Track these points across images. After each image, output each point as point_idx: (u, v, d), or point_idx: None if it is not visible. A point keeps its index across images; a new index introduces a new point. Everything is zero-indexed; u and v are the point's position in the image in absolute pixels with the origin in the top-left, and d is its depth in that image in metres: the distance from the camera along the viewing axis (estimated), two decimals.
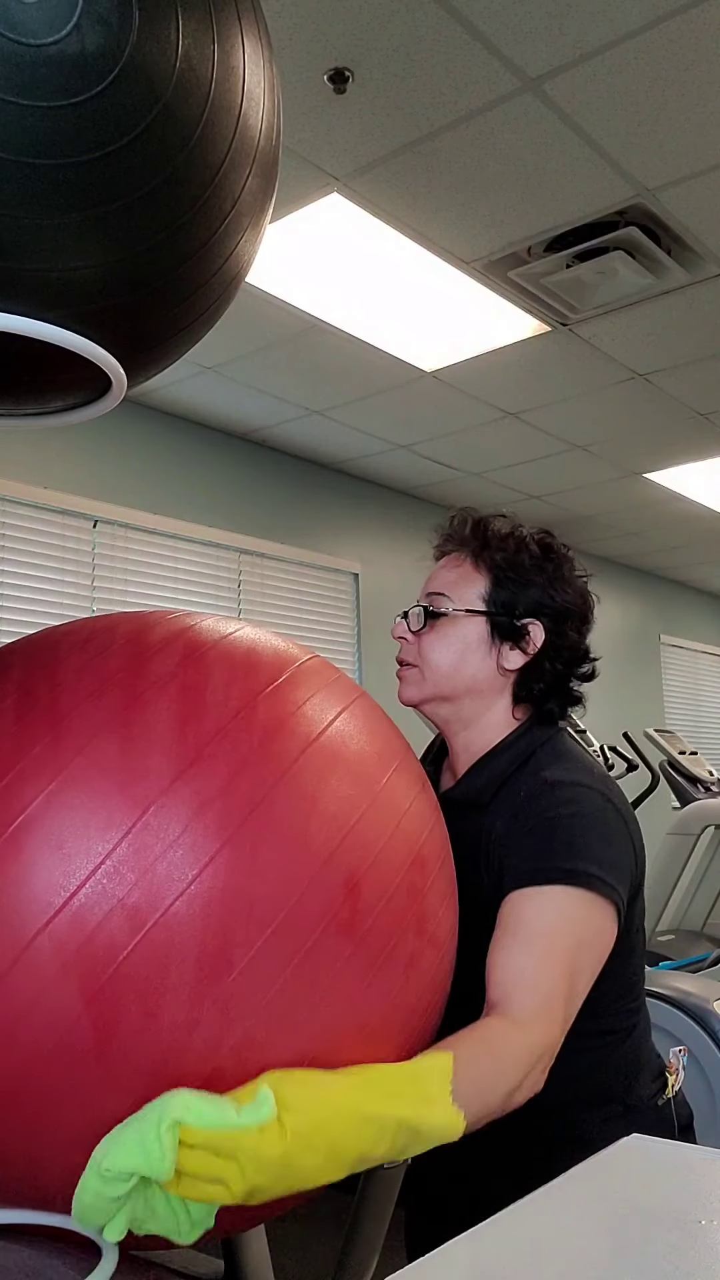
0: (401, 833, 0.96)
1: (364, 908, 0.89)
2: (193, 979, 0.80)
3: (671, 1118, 1.27)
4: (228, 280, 0.88)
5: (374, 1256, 2.19)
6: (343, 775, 0.94)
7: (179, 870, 0.82)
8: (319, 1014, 0.86)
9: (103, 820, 0.82)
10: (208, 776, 0.85)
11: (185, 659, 0.94)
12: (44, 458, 4.05)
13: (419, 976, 0.96)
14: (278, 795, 0.87)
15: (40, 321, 0.78)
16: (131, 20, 0.69)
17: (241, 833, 0.84)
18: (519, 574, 1.25)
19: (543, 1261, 0.65)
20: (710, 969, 3.55)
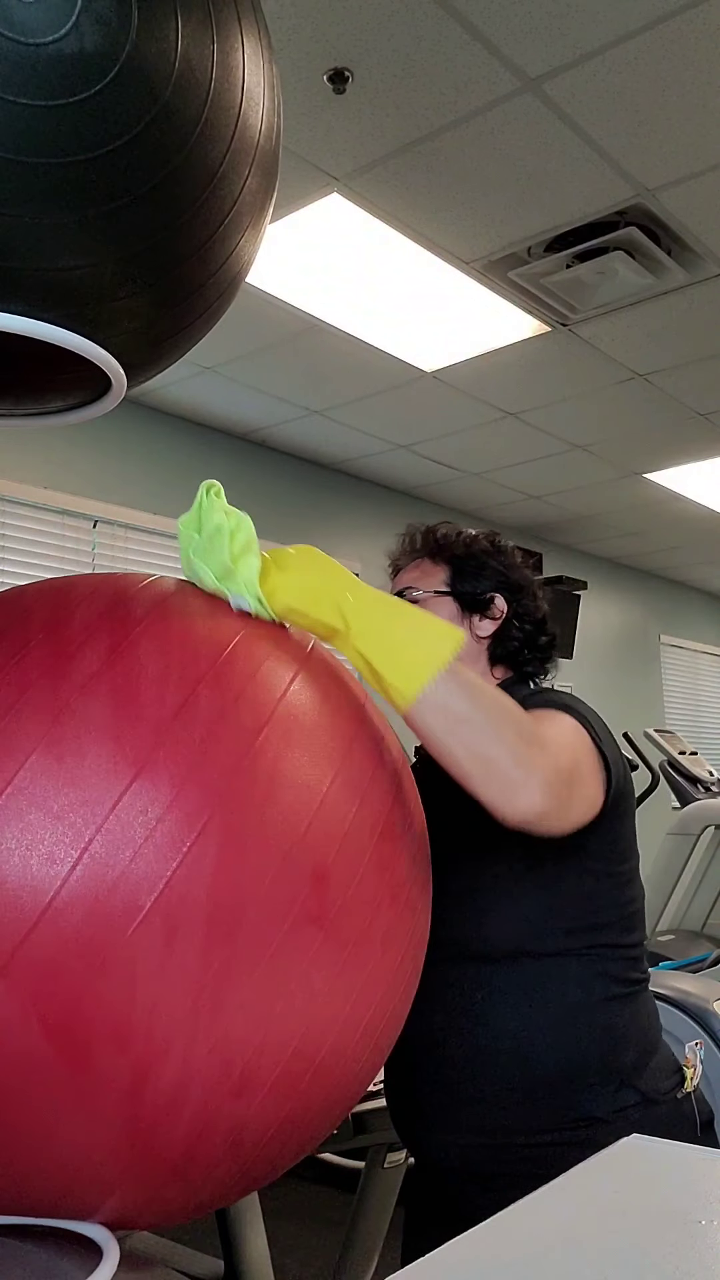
0: (367, 808, 0.91)
1: (333, 896, 0.86)
2: (164, 993, 0.79)
3: (693, 1114, 1.27)
4: (228, 280, 0.88)
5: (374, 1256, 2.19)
6: (298, 760, 0.87)
7: (135, 897, 0.78)
8: (295, 1006, 0.84)
9: (45, 855, 0.77)
10: (152, 795, 0.80)
11: (113, 652, 0.86)
12: (44, 458, 4.05)
13: (396, 944, 0.94)
14: (231, 800, 0.82)
15: (40, 321, 0.78)
16: (130, 20, 0.69)
17: (196, 848, 0.80)
18: (474, 561, 1.41)
19: (543, 1261, 0.65)
20: (710, 969, 3.55)
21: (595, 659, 7.04)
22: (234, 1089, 0.83)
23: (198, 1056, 0.81)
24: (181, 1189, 0.86)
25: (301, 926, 0.84)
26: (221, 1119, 0.83)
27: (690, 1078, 1.28)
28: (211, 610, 0.95)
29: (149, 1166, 0.83)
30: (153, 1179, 0.85)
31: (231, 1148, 0.86)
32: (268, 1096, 0.85)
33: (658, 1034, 1.29)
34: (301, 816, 0.86)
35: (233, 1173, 0.88)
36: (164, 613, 0.92)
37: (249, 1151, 0.88)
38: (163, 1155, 0.83)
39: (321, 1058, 0.88)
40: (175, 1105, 0.81)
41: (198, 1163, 0.85)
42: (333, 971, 0.86)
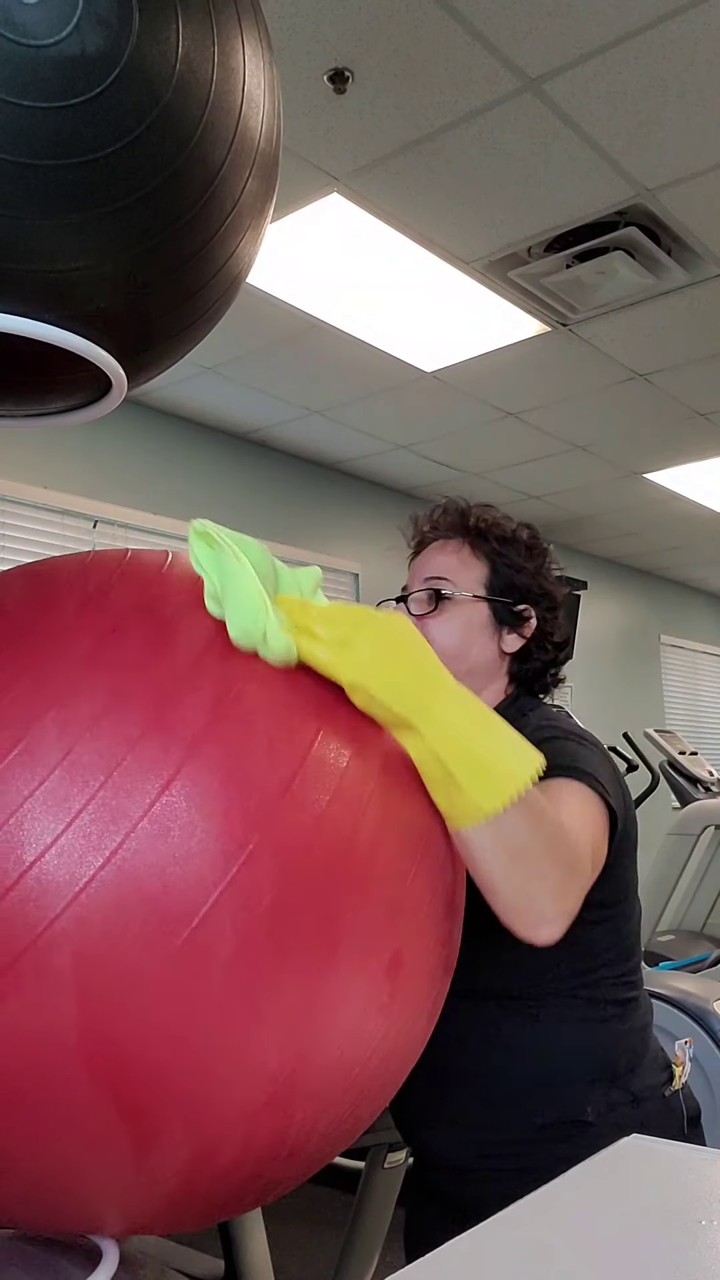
0: (442, 885, 0.87)
1: (404, 977, 0.81)
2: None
3: (680, 1109, 1.28)
4: (228, 281, 0.88)
5: (374, 1256, 2.19)
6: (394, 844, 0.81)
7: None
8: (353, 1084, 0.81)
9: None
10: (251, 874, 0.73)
11: (219, 703, 0.76)
12: (44, 458, 4.05)
13: (433, 1013, 0.91)
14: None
15: (40, 322, 0.78)
16: (132, 21, 0.69)
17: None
18: (513, 563, 1.32)
19: (543, 1261, 0.65)
20: (710, 969, 3.55)
21: (595, 659, 7.04)
22: (285, 1156, 0.81)
23: (260, 1134, 0.76)
24: (201, 1215, 0.86)
25: (372, 1014, 0.80)
26: (264, 1178, 0.82)
27: (679, 1075, 1.29)
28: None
29: (176, 1209, 0.82)
30: (175, 1212, 0.84)
31: (263, 1190, 0.86)
32: (309, 1158, 0.84)
33: (649, 1035, 1.30)
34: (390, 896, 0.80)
35: (256, 1198, 0.88)
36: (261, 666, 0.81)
37: (278, 1189, 0.88)
38: (194, 1205, 0.82)
39: (361, 1115, 0.87)
40: (226, 1176, 0.79)
41: (228, 1208, 0.85)
42: (389, 1044, 0.83)
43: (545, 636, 1.33)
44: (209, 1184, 0.79)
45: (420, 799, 0.86)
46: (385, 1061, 0.84)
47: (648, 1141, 0.88)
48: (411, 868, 0.82)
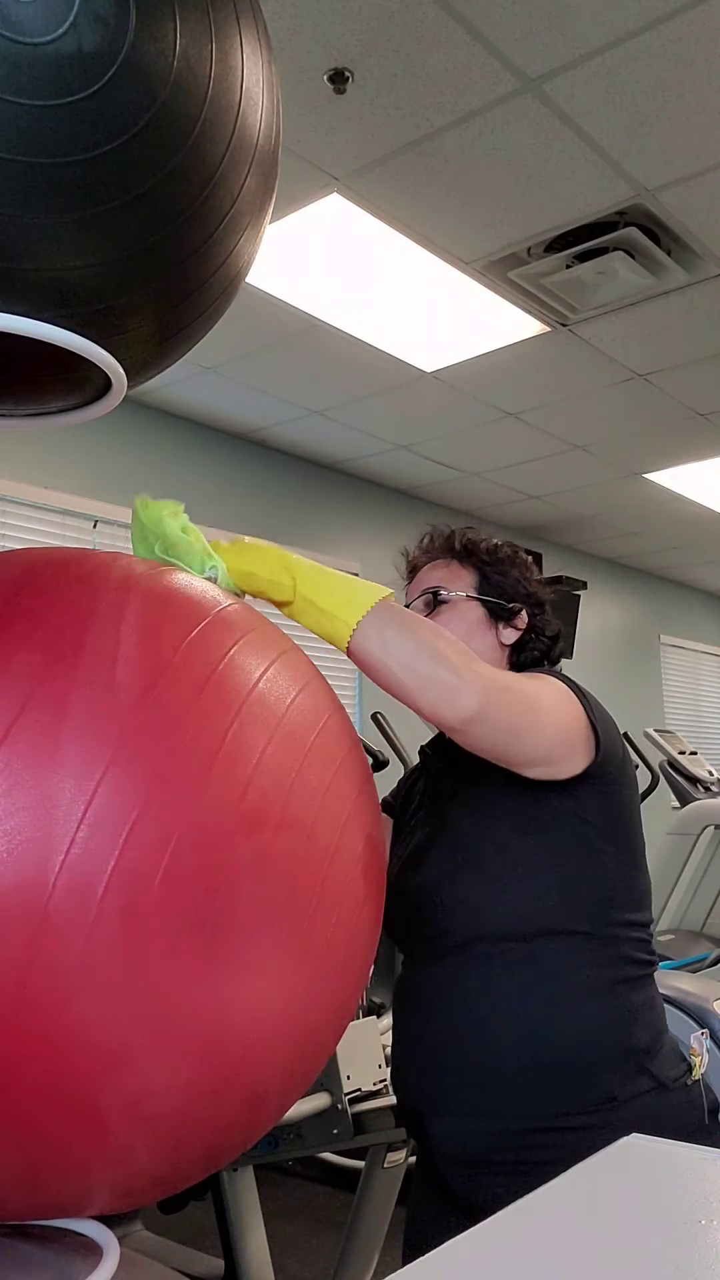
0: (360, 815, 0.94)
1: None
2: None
3: (702, 1101, 1.29)
4: (227, 280, 0.88)
5: (374, 1256, 2.19)
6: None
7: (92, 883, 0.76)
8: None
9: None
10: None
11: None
12: (44, 458, 4.05)
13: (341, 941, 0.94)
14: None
15: (39, 321, 0.78)
16: (129, 19, 0.69)
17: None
18: (498, 570, 1.46)
19: (543, 1261, 0.65)
20: (710, 969, 3.54)
21: (595, 659, 7.04)
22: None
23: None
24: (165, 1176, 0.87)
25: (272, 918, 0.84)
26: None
27: (699, 1065, 1.30)
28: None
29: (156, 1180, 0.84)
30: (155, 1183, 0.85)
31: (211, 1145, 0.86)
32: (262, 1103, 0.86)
33: (664, 1020, 1.31)
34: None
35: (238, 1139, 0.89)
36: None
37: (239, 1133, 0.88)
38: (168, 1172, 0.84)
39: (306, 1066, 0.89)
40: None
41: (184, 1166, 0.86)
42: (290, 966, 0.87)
43: (538, 630, 1.46)
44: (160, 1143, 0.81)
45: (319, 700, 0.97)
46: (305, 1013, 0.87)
47: (648, 1141, 0.88)
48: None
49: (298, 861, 0.85)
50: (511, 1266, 0.65)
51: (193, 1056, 0.79)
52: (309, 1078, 0.95)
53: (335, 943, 0.90)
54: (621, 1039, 1.23)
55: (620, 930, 1.27)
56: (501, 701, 1.12)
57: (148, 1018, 0.77)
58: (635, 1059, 1.23)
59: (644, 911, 1.31)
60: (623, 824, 1.29)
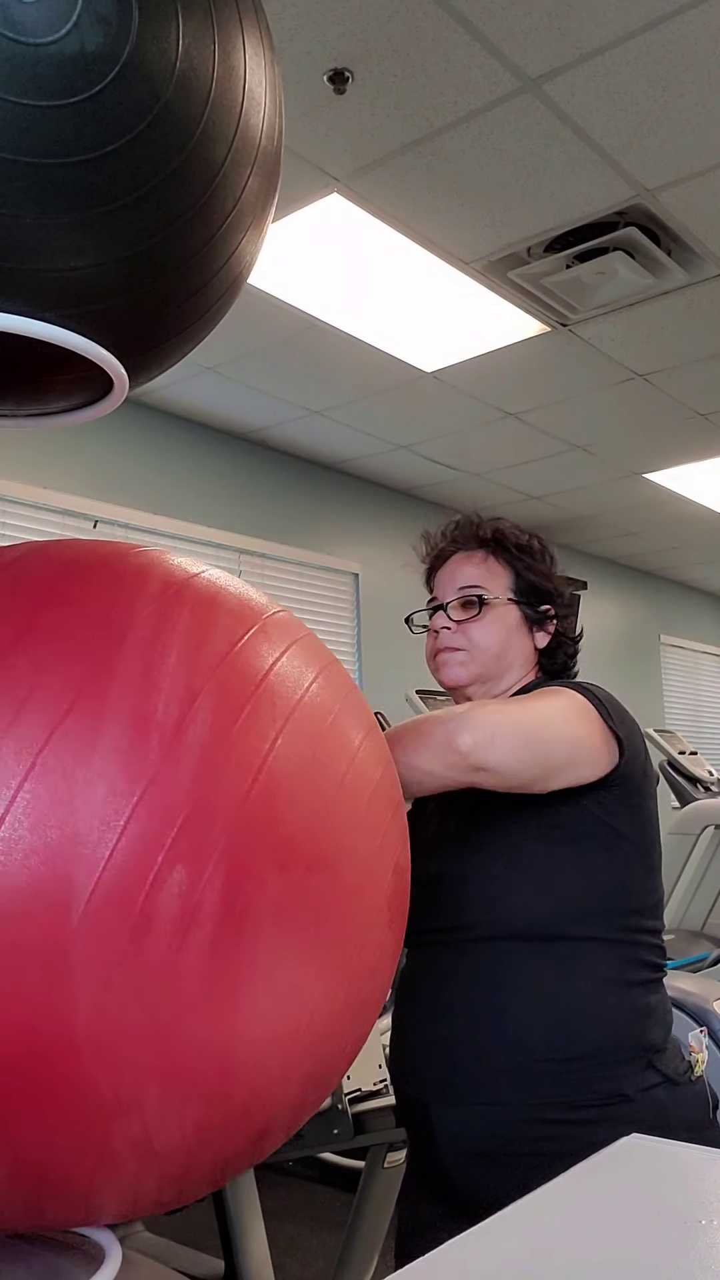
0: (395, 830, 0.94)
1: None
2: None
3: (706, 1095, 1.31)
4: (229, 280, 0.88)
5: (374, 1256, 2.19)
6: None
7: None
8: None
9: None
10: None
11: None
12: (44, 458, 4.05)
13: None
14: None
15: (40, 321, 0.78)
16: (131, 19, 0.69)
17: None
18: (531, 567, 1.46)
19: (543, 1261, 0.65)
20: (710, 969, 3.54)
21: (595, 659, 7.04)
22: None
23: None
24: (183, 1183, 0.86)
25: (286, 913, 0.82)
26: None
27: (699, 1062, 1.31)
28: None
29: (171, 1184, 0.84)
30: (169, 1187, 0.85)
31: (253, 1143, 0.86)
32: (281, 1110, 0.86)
33: (670, 1020, 1.33)
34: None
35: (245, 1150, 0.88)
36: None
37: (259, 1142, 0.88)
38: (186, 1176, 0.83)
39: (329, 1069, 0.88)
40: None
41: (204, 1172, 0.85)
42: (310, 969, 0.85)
43: (564, 632, 1.47)
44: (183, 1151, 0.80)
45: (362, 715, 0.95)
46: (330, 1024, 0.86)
47: (648, 1141, 0.88)
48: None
49: (325, 900, 0.83)
50: (511, 1266, 0.65)
51: (202, 1098, 0.78)
52: (316, 1107, 0.94)
53: (358, 976, 0.88)
54: (638, 1035, 1.24)
55: (637, 935, 1.28)
56: (496, 721, 1.15)
57: (160, 1062, 0.75)
58: (647, 1056, 1.24)
59: (658, 919, 1.32)
60: (644, 832, 1.30)
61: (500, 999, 1.23)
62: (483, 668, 1.40)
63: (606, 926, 1.25)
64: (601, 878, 1.26)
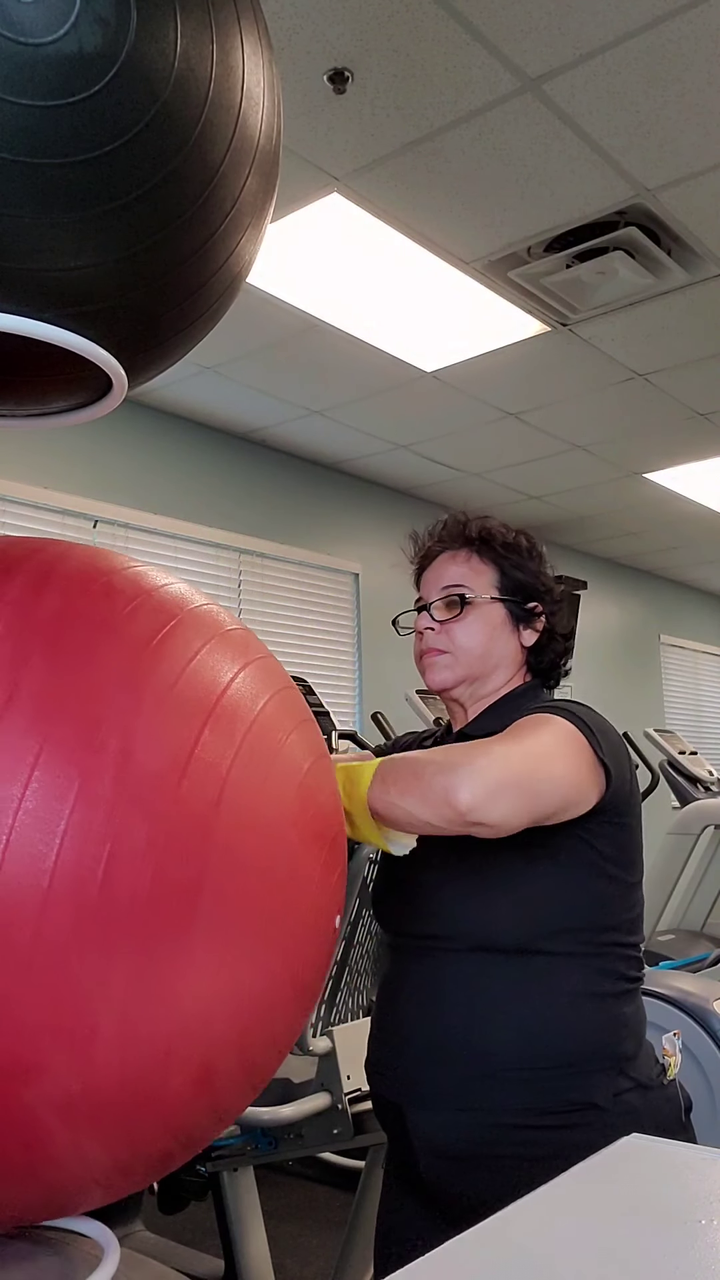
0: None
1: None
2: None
3: (678, 1097, 1.31)
4: (228, 280, 0.88)
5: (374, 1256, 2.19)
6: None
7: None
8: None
9: None
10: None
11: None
12: (44, 458, 4.05)
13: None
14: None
15: (40, 321, 0.78)
16: (129, 20, 0.69)
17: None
18: (517, 564, 1.42)
19: (543, 1261, 0.65)
20: (710, 969, 3.54)
21: (595, 659, 7.04)
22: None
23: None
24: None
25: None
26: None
27: (672, 1066, 1.31)
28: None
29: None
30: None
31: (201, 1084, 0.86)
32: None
33: (645, 1027, 1.33)
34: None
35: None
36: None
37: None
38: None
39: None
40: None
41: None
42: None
43: (553, 630, 1.44)
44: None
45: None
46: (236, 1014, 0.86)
47: (648, 1141, 0.88)
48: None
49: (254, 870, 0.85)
50: (511, 1266, 0.65)
51: (111, 1051, 0.78)
52: (276, 1045, 0.94)
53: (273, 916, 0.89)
54: (610, 1046, 1.24)
55: (613, 949, 1.28)
56: (496, 773, 1.12)
57: (53, 1021, 0.76)
58: (619, 1064, 1.24)
59: (637, 933, 1.32)
60: (627, 854, 1.29)
61: (472, 1008, 1.24)
62: (468, 669, 1.39)
63: (583, 943, 1.25)
64: (581, 897, 1.25)
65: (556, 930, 1.24)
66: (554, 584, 1.45)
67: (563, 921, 1.24)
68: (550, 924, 1.24)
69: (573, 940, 1.24)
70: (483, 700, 1.41)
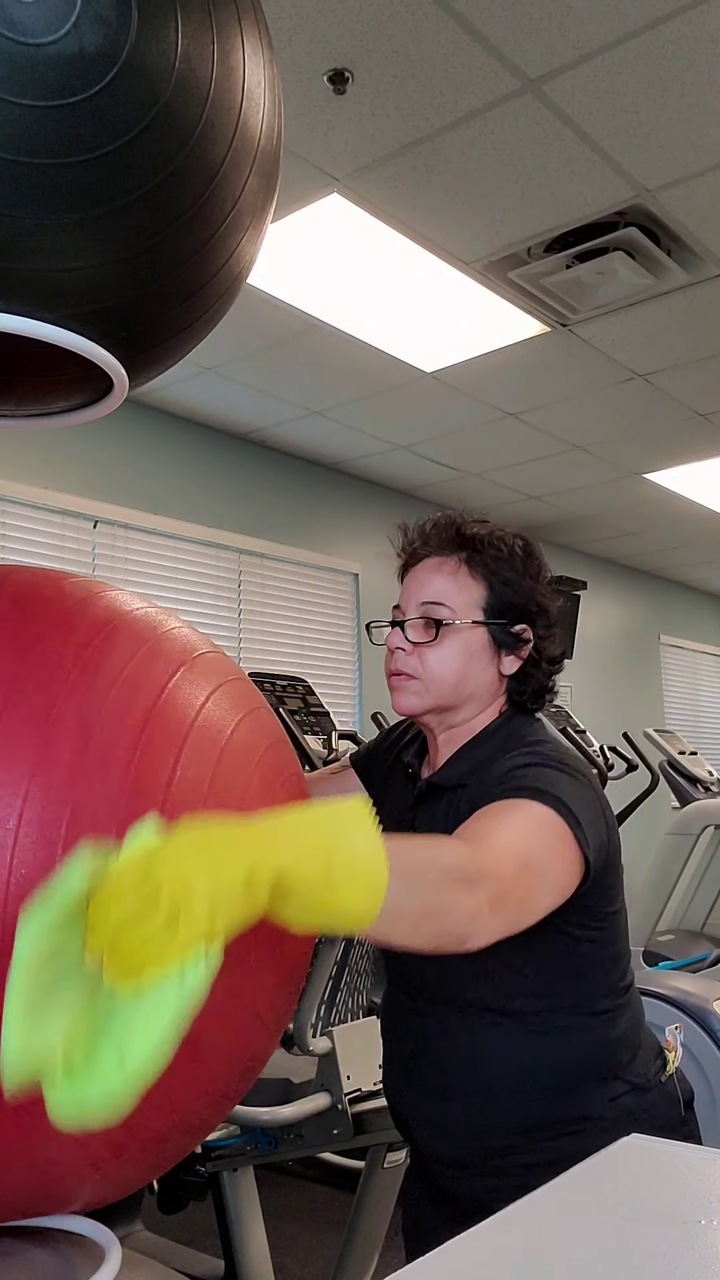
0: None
1: None
2: None
3: (676, 1093, 1.29)
4: (229, 280, 0.88)
5: (374, 1256, 2.19)
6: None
7: None
8: None
9: None
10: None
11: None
12: (44, 458, 4.05)
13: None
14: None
15: (40, 321, 0.78)
16: (130, 20, 0.69)
17: None
18: (510, 580, 1.28)
19: (543, 1261, 0.65)
20: (710, 969, 3.55)
21: (595, 659, 7.04)
22: None
23: None
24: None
25: None
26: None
27: (672, 1060, 1.30)
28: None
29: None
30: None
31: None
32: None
33: (642, 1027, 1.31)
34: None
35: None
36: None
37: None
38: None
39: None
40: None
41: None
42: None
43: (541, 655, 1.30)
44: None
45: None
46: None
47: (648, 1141, 0.88)
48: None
49: None
50: (512, 1266, 0.65)
51: None
52: (259, 1017, 0.95)
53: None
54: (604, 1063, 1.23)
55: (598, 994, 1.23)
56: (506, 911, 0.98)
57: None
58: (614, 1072, 1.23)
59: (619, 963, 1.26)
60: (603, 914, 1.21)
61: (460, 1053, 1.23)
62: (438, 699, 1.27)
63: (565, 999, 1.21)
64: (555, 967, 1.21)
65: (537, 994, 1.21)
66: (551, 602, 1.32)
67: (543, 989, 1.21)
68: (530, 992, 1.21)
69: (555, 1000, 1.22)
70: (453, 730, 1.30)
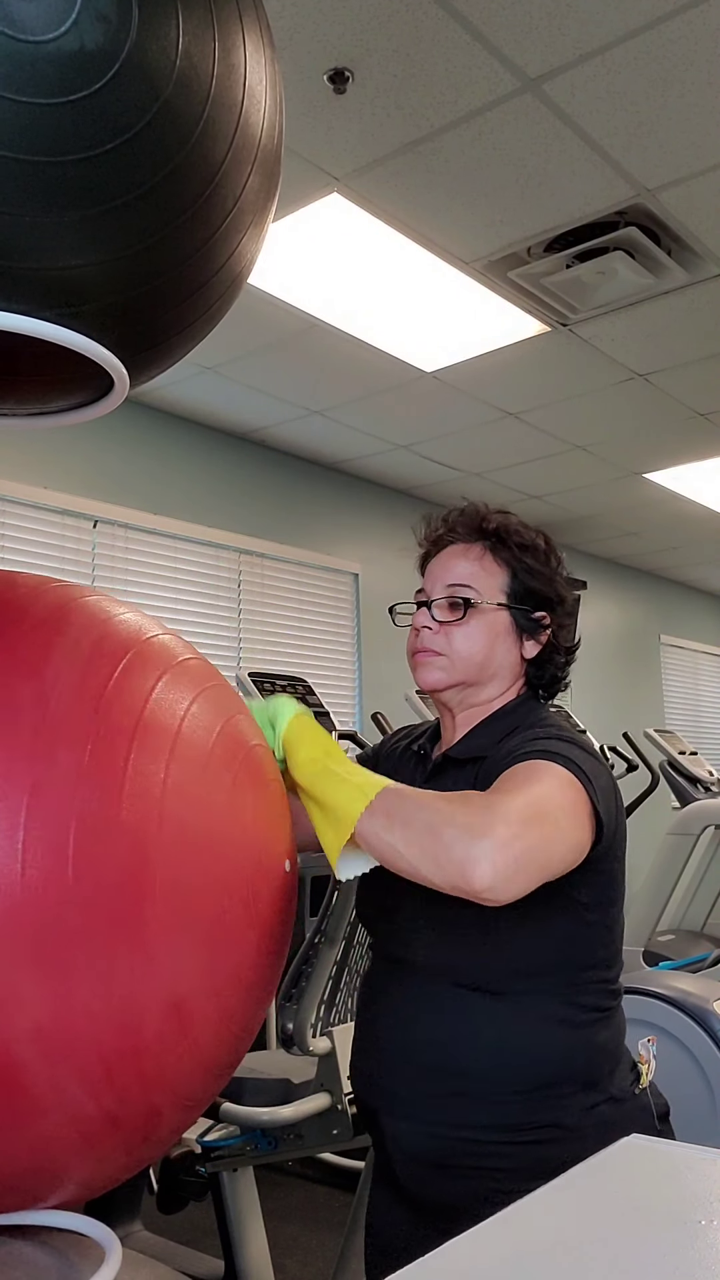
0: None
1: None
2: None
3: (651, 1106, 1.28)
4: (230, 279, 0.88)
5: None
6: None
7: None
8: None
9: None
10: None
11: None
12: (44, 458, 4.05)
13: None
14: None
15: (40, 321, 0.78)
16: (131, 17, 0.69)
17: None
18: (531, 570, 1.35)
19: (543, 1261, 0.65)
20: (710, 969, 3.54)
21: (595, 659, 7.04)
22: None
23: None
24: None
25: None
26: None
27: (646, 1073, 1.29)
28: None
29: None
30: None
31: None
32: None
33: (623, 1043, 1.31)
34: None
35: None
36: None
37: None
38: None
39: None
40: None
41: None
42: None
43: (559, 642, 1.37)
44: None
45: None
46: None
47: (648, 1141, 0.88)
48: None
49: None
50: (512, 1266, 0.65)
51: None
52: (244, 983, 0.97)
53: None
54: (584, 1070, 1.22)
55: (590, 985, 1.25)
56: (516, 852, 1.03)
57: None
58: (592, 1082, 1.23)
59: (614, 966, 1.29)
60: (608, 897, 1.24)
61: (444, 1030, 1.22)
62: (463, 675, 1.32)
63: (556, 981, 1.22)
64: (557, 942, 1.22)
65: (528, 966, 1.21)
66: (568, 593, 1.38)
67: (536, 965, 1.21)
68: (523, 967, 1.21)
69: (546, 980, 1.22)
70: (473, 709, 1.35)
